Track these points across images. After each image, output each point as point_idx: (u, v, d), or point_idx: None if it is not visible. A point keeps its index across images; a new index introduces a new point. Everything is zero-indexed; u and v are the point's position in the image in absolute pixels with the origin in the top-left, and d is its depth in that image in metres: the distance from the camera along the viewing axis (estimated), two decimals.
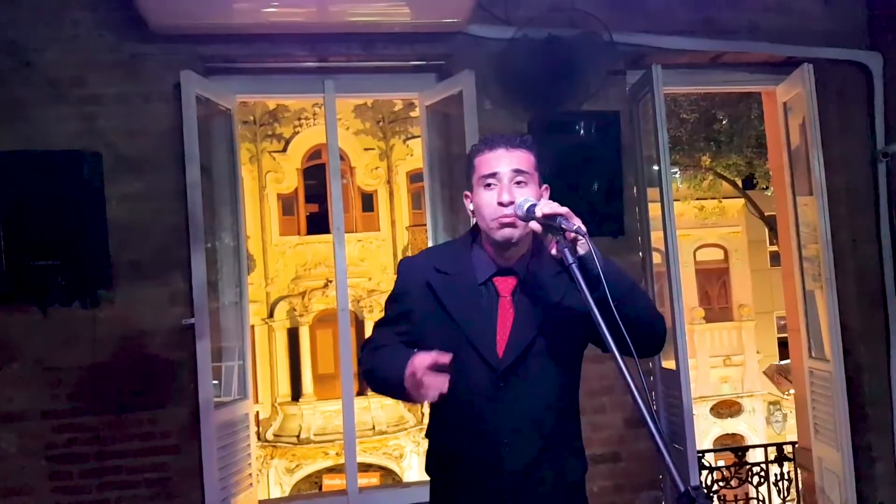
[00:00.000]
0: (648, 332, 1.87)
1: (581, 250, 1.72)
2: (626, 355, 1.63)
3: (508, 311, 1.95)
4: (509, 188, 1.87)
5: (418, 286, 1.99)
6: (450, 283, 1.96)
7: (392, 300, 2.07)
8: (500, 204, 1.86)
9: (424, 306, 1.98)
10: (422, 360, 1.76)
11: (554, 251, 1.74)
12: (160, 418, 3.78)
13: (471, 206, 1.99)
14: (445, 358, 1.76)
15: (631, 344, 1.62)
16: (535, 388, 1.94)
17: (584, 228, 1.71)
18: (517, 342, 1.92)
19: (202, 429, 3.68)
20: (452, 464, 2.00)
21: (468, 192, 2.00)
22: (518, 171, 1.89)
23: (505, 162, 1.89)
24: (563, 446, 2.01)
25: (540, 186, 1.94)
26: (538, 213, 1.76)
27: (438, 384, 1.75)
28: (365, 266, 16.05)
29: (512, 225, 1.85)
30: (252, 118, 15.62)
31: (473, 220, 2.05)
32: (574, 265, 1.69)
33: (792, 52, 4.41)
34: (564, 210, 1.74)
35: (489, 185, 1.89)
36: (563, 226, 1.71)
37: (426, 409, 2.20)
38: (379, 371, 1.96)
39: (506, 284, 1.96)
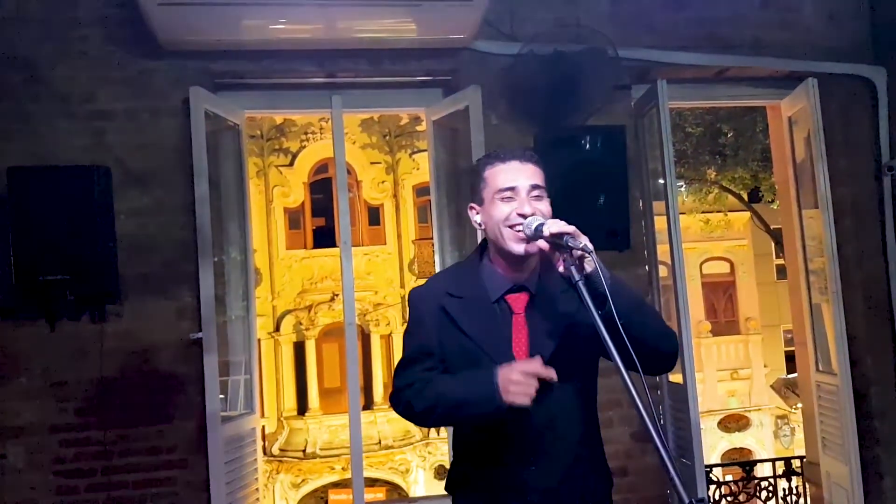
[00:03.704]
0: (656, 350, 1.85)
1: (588, 268, 1.73)
2: (634, 371, 1.64)
3: (523, 328, 1.94)
4: (529, 201, 1.88)
5: (432, 314, 1.97)
6: (464, 305, 1.95)
7: (409, 334, 2.05)
8: (522, 216, 1.86)
9: (442, 332, 1.96)
10: (528, 364, 1.79)
11: (561, 268, 1.75)
12: (167, 432, 3.79)
13: (478, 219, 1.99)
14: (551, 373, 1.78)
15: (638, 361, 1.64)
16: (560, 405, 1.93)
17: (590, 246, 1.72)
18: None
19: (209, 443, 3.69)
20: (477, 485, 1.99)
21: (475, 205, 1.99)
22: (535, 186, 1.91)
23: (522, 175, 1.91)
24: (587, 463, 2.02)
25: None
26: (546, 232, 1.77)
27: (532, 389, 1.77)
28: (371, 280, 16.08)
29: (530, 240, 1.85)
30: (259, 132, 15.71)
31: (481, 235, 2.05)
32: (581, 282, 1.71)
33: (796, 67, 4.43)
34: (571, 229, 1.75)
35: (507, 198, 1.89)
36: (569, 244, 1.72)
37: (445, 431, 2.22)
38: (449, 395, 1.89)
39: (518, 301, 1.96)
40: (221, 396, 3.91)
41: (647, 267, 4.30)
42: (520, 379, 1.78)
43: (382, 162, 16.71)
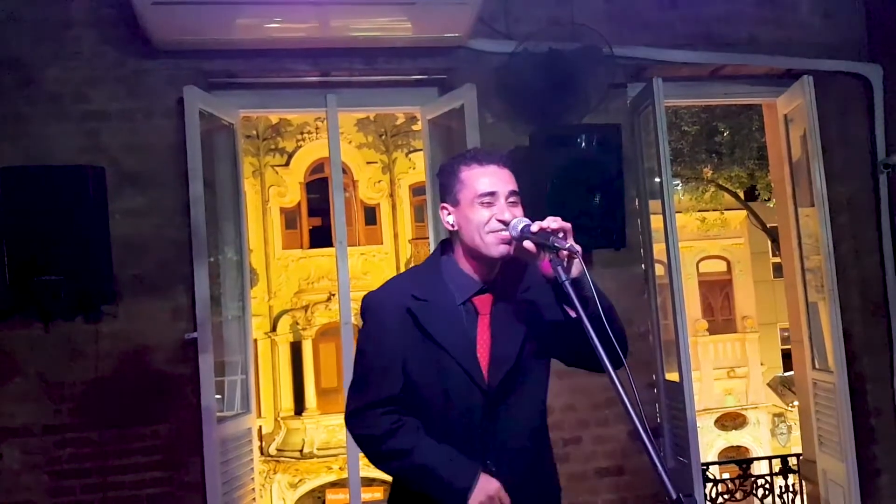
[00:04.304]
0: (624, 350, 1.83)
1: (575, 270, 1.74)
2: (605, 369, 1.65)
3: (486, 330, 1.94)
4: (508, 207, 1.88)
5: (397, 318, 1.91)
6: (430, 308, 1.91)
7: (368, 341, 1.95)
8: (502, 222, 1.86)
9: (406, 337, 1.90)
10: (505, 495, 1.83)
11: (547, 269, 1.76)
12: (162, 433, 3.78)
13: (450, 219, 1.96)
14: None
15: (622, 356, 1.67)
16: (522, 410, 1.95)
17: (576, 247, 1.73)
18: (501, 361, 1.91)
19: (205, 443, 3.67)
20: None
21: (448, 205, 1.96)
22: (513, 192, 1.91)
23: (502, 181, 1.90)
24: (541, 469, 2.03)
25: None
26: (535, 228, 1.78)
27: None
28: (368, 279, 15.99)
29: (509, 242, 1.86)
30: (255, 132, 15.68)
31: (445, 235, 2.04)
32: (567, 282, 1.71)
33: (792, 65, 4.42)
34: (567, 225, 1.76)
35: (487, 203, 1.88)
36: (555, 244, 1.73)
37: None
38: (419, 460, 1.85)
39: (484, 302, 1.95)
40: (218, 397, 3.90)
41: (643, 265, 4.30)
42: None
43: (379, 161, 16.68)
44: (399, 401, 1.91)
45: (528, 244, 1.79)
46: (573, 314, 1.73)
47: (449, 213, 1.96)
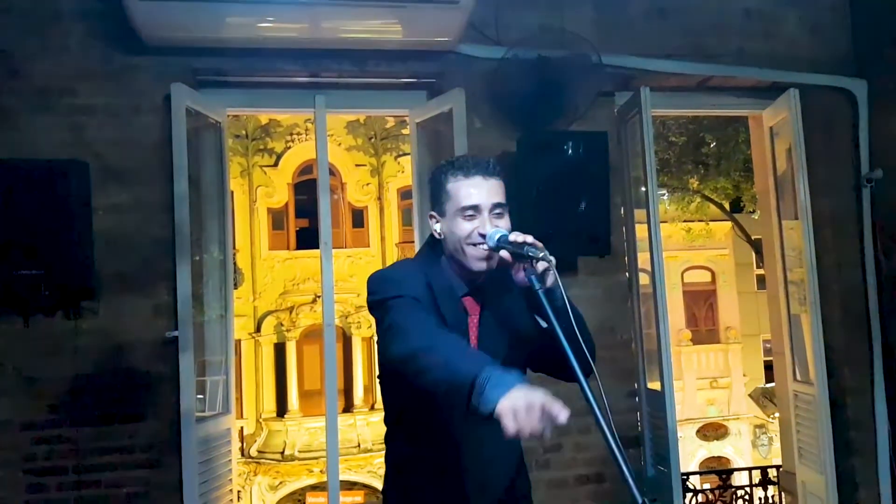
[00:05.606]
0: (592, 359, 1.83)
1: (549, 280, 1.77)
2: (576, 377, 1.66)
3: (474, 332, 1.96)
4: (490, 220, 1.89)
5: (419, 284, 1.90)
6: (440, 292, 1.94)
7: (395, 288, 1.88)
8: (483, 236, 1.87)
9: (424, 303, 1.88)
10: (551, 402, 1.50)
11: (521, 276, 1.79)
12: (141, 431, 3.74)
13: (437, 227, 1.98)
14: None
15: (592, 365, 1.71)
16: None
17: (551, 258, 1.75)
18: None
19: (183, 443, 3.64)
20: (418, 497, 1.99)
21: (435, 214, 1.99)
22: (497, 205, 1.91)
23: (486, 193, 1.90)
24: (522, 475, 2.08)
25: None
26: (511, 238, 1.81)
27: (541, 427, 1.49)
28: (354, 282, 16.01)
29: (489, 258, 1.88)
30: (244, 132, 15.66)
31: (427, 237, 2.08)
32: (541, 291, 1.73)
33: (778, 78, 4.46)
34: (531, 239, 1.79)
35: (470, 216, 1.90)
36: (530, 254, 1.75)
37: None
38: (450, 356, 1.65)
39: (472, 304, 1.98)
40: (199, 397, 3.87)
41: (627, 274, 4.31)
42: (535, 412, 1.49)
43: (367, 164, 16.69)
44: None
45: (503, 254, 1.81)
46: (545, 324, 1.75)
47: (437, 222, 1.99)
